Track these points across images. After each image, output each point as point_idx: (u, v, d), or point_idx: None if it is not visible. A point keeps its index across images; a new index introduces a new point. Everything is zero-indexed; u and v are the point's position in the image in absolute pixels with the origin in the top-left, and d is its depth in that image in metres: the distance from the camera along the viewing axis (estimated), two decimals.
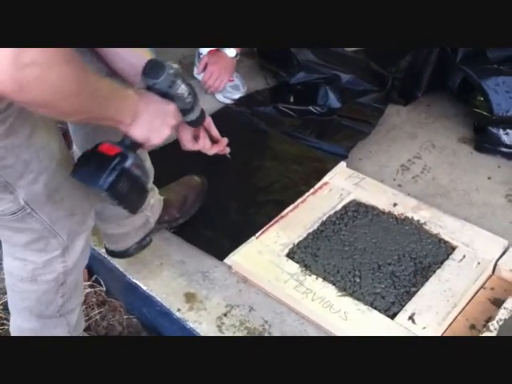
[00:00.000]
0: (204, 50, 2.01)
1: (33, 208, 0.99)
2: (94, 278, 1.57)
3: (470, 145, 1.78)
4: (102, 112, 0.92)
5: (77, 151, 1.24)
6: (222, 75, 1.96)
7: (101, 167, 1.02)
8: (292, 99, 1.95)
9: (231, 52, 1.95)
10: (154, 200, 1.40)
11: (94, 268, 1.57)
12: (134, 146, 1.05)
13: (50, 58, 0.75)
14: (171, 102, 1.06)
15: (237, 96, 1.99)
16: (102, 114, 0.93)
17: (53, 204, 1.02)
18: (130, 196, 1.07)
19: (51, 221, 1.03)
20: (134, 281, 1.42)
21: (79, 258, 1.13)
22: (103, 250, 1.48)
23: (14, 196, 0.96)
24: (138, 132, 1.01)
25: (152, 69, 1.05)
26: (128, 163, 1.04)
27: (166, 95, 1.05)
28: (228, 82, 1.99)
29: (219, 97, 2.01)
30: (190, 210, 1.51)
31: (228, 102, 1.99)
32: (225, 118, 1.89)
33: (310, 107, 1.89)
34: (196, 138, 1.20)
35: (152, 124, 1.02)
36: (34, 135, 0.94)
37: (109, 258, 1.46)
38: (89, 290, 1.53)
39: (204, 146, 1.21)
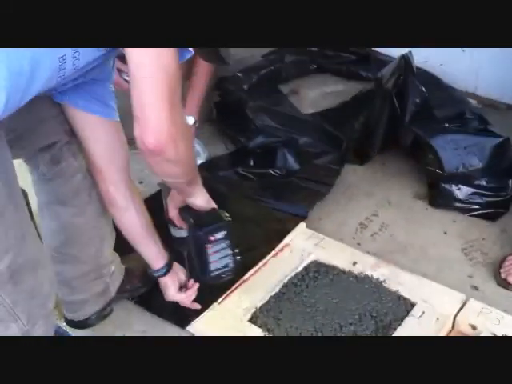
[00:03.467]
0: None
1: None
2: None
3: (424, 201, 1.82)
4: (195, 168, 1.17)
5: None
6: None
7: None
8: (252, 163, 1.99)
9: (190, 120, 1.99)
10: (115, 267, 1.40)
11: None
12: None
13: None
14: None
15: (198, 162, 2.02)
16: (195, 172, 1.18)
17: (14, 285, 0.99)
18: None
19: (12, 302, 0.99)
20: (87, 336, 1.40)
21: None
22: (64, 324, 1.46)
23: None
24: (206, 196, 1.29)
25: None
26: None
27: None
28: None
29: None
30: (152, 280, 1.51)
31: None
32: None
33: (270, 170, 1.93)
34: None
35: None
36: (6, 212, 0.94)
37: (68, 329, 1.45)
38: None
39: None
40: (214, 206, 1.31)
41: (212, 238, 1.28)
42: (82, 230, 1.30)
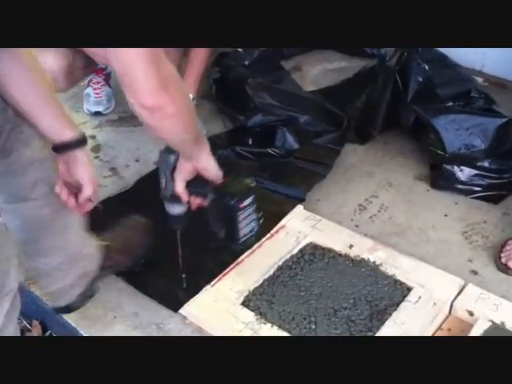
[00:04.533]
0: None
1: None
2: (48, 333, 1.54)
3: (426, 182, 1.78)
4: (198, 130, 1.15)
5: None
6: None
7: None
8: (251, 142, 1.95)
9: None
10: (91, 248, 1.37)
11: (48, 323, 1.53)
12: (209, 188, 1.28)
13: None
14: None
15: None
16: (199, 134, 1.17)
17: None
18: None
19: None
20: (87, 336, 1.39)
21: (4, 322, 1.05)
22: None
23: None
24: (213, 163, 1.25)
25: None
26: None
27: None
28: None
29: None
30: (135, 252, 1.49)
31: None
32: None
33: (269, 149, 1.89)
34: None
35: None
36: None
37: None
38: None
39: None
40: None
41: (242, 205, 1.30)
42: (49, 221, 1.24)
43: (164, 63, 0.96)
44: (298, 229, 1.59)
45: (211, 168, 1.25)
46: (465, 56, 2.06)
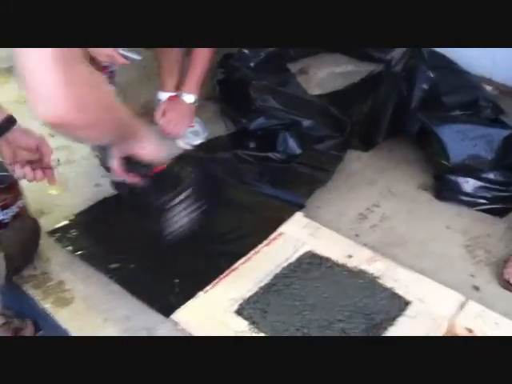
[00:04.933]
0: (162, 96, 1.99)
1: None
2: (40, 332, 1.52)
3: (429, 192, 1.74)
4: (126, 126, 1.07)
5: None
6: (181, 121, 1.93)
7: None
8: (252, 145, 1.92)
9: (190, 98, 1.93)
10: None
11: (40, 323, 1.51)
12: (149, 167, 1.25)
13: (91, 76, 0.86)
14: None
15: (197, 142, 1.96)
16: (127, 129, 1.08)
17: None
18: None
19: None
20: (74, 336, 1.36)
21: None
22: (48, 305, 1.43)
23: None
24: (150, 150, 1.18)
25: None
26: None
27: None
28: (189, 128, 1.97)
29: (180, 142, 1.97)
30: (31, 252, 1.50)
31: (188, 147, 1.96)
32: (181, 164, 1.85)
33: (270, 154, 1.86)
34: None
35: (155, 140, 1.20)
36: None
37: (52, 313, 1.41)
38: None
39: None
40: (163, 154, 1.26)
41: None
42: None
43: (75, 66, 0.80)
44: (296, 236, 1.56)
45: (145, 153, 1.20)
46: (474, 63, 2.01)
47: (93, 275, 1.49)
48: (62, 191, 1.76)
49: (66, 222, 1.61)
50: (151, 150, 1.19)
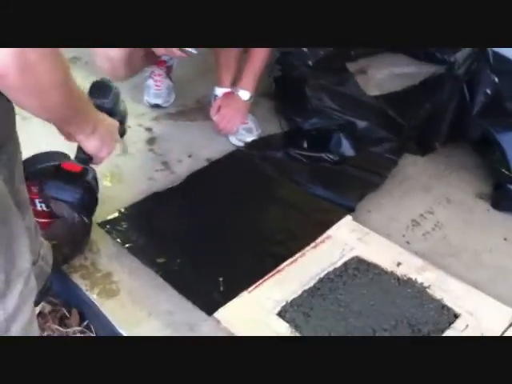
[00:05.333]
0: (218, 92, 1.99)
1: None
2: (85, 323, 1.55)
3: (487, 201, 1.67)
4: (75, 114, 1.00)
5: None
6: (235, 118, 1.93)
7: (69, 183, 1.27)
8: (305, 145, 1.89)
9: (245, 95, 1.92)
10: (44, 250, 1.33)
11: (86, 313, 1.54)
12: (87, 160, 1.22)
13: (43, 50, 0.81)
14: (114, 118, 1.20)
15: (249, 139, 1.95)
16: (74, 117, 1.01)
17: None
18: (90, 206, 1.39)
19: None
20: (120, 330, 1.38)
21: (18, 304, 0.99)
22: (94, 296, 1.45)
23: None
24: (92, 144, 1.11)
25: (99, 89, 1.22)
26: (90, 177, 1.31)
27: (111, 112, 1.20)
28: (242, 125, 1.96)
29: (232, 139, 1.97)
30: (78, 242, 1.51)
31: (241, 144, 1.95)
32: (233, 161, 1.86)
33: (323, 154, 1.83)
34: None
35: (104, 138, 1.13)
36: None
37: (98, 304, 1.44)
38: (78, 335, 1.50)
39: None
40: (107, 153, 1.18)
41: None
42: None
43: None
44: (344, 240, 1.53)
45: (87, 146, 1.13)
46: None
47: (140, 268, 1.50)
48: (116, 183, 1.79)
49: (116, 215, 1.64)
50: (94, 144, 1.12)
